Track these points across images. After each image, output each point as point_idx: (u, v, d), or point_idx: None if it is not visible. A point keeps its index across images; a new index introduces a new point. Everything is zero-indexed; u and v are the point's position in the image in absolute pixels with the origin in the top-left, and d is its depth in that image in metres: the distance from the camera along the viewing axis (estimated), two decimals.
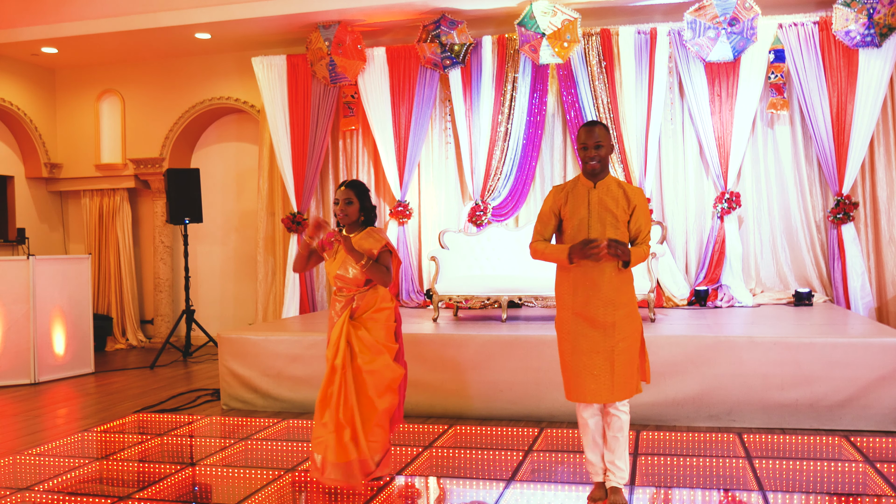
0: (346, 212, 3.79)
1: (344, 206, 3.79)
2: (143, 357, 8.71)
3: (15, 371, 7.16)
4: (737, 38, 7.21)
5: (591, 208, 3.41)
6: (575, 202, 3.44)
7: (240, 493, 3.87)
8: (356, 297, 3.80)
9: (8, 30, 8.50)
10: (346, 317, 3.75)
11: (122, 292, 9.59)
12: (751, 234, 7.64)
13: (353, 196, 3.80)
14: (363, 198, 3.83)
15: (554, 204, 3.50)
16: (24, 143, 9.60)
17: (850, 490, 3.78)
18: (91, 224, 9.75)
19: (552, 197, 3.52)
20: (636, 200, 3.41)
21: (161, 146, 9.42)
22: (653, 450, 4.49)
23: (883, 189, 7.34)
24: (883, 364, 4.82)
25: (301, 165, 8.42)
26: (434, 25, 7.85)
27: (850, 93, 7.18)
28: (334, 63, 8.12)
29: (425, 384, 5.40)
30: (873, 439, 4.56)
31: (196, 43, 8.77)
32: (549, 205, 3.51)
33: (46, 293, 7.36)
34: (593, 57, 7.71)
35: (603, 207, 3.39)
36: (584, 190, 3.45)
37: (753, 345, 5.01)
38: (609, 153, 3.44)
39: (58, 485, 4.04)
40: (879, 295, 7.34)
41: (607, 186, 3.44)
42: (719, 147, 7.49)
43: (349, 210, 3.79)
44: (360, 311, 3.78)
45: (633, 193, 3.43)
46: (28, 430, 5.38)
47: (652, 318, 6.19)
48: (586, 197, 3.43)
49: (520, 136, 7.88)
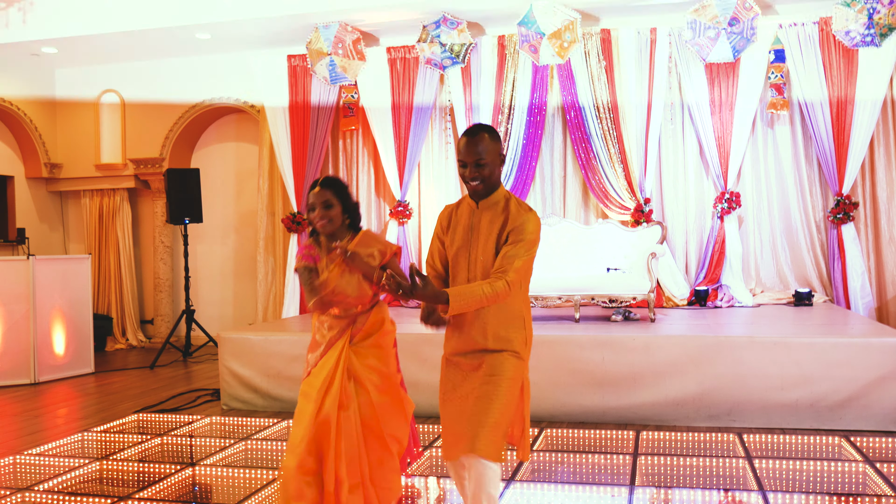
0: (328, 217, 3.03)
1: (323, 212, 3.03)
2: (143, 357, 8.70)
3: (15, 371, 7.16)
4: (737, 38, 7.21)
5: (472, 234, 2.83)
6: (455, 227, 2.89)
7: (240, 494, 3.87)
8: (359, 318, 3.09)
9: (8, 30, 8.50)
10: (346, 343, 3.04)
11: (122, 292, 9.59)
12: (751, 234, 7.64)
13: (332, 197, 3.05)
14: (344, 196, 3.09)
15: (439, 227, 2.97)
16: (24, 143, 9.60)
17: (850, 490, 3.78)
18: (91, 224, 9.75)
19: (438, 219, 2.98)
20: (516, 222, 2.75)
21: (161, 146, 9.41)
22: (653, 450, 4.49)
23: (883, 189, 7.33)
24: (883, 364, 4.81)
25: (301, 165, 8.42)
26: (434, 25, 7.85)
27: (850, 93, 7.18)
28: (334, 63, 8.12)
29: (425, 384, 5.40)
30: (873, 439, 4.56)
31: (196, 43, 8.77)
32: (436, 229, 2.99)
33: (46, 293, 7.36)
34: (593, 57, 7.70)
35: (485, 232, 2.81)
36: (468, 211, 2.87)
37: (753, 345, 5.01)
38: (498, 166, 2.80)
39: (58, 485, 4.04)
40: (879, 295, 7.34)
41: (493, 204, 2.83)
42: (719, 147, 7.49)
43: (331, 214, 3.04)
44: (363, 335, 3.08)
45: (516, 214, 2.77)
46: (28, 430, 5.38)
47: (652, 318, 6.19)
48: (469, 220, 2.85)
49: (520, 136, 7.88)
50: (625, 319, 6.28)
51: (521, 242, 2.71)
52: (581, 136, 7.75)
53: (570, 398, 5.22)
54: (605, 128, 7.65)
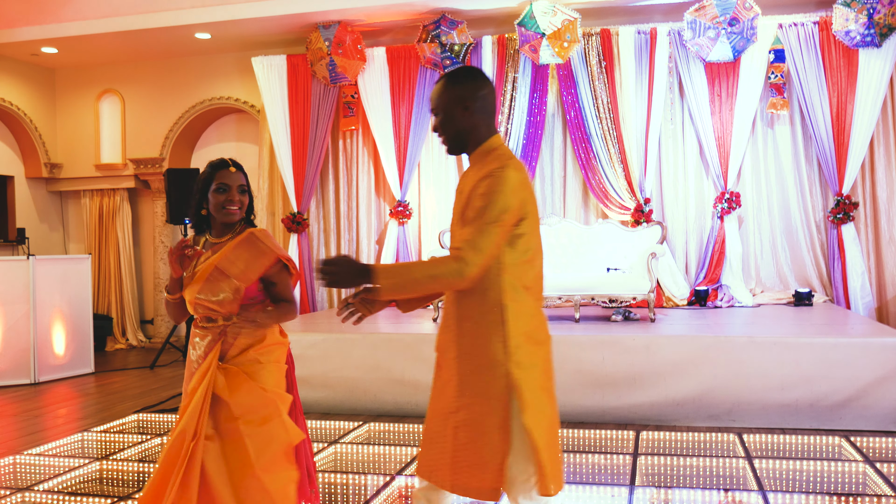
0: (243, 202, 2.61)
1: (239, 196, 2.59)
2: (143, 357, 8.70)
3: (15, 371, 7.16)
4: (737, 38, 7.21)
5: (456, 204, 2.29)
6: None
7: None
8: (229, 330, 2.54)
9: (8, 30, 8.51)
10: (214, 360, 2.49)
11: (122, 292, 9.59)
12: (751, 234, 7.64)
13: (246, 182, 2.63)
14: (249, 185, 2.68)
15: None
16: (24, 143, 9.60)
17: (850, 490, 3.78)
18: (91, 224, 9.75)
19: None
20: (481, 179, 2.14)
21: (161, 146, 9.41)
22: (653, 450, 4.50)
23: (883, 189, 7.33)
24: (883, 364, 4.82)
25: (301, 165, 8.42)
26: (434, 25, 7.85)
27: (850, 93, 7.19)
28: (334, 63, 8.12)
29: (425, 384, 5.40)
30: (873, 439, 4.56)
31: (196, 43, 8.77)
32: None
33: (46, 293, 7.36)
34: (593, 57, 7.71)
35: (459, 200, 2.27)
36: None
37: (753, 345, 5.01)
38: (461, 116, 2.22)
39: (58, 485, 4.04)
40: (879, 295, 7.34)
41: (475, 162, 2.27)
42: (719, 147, 7.49)
43: (245, 200, 2.62)
44: (236, 350, 2.53)
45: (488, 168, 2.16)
46: (28, 430, 5.38)
47: (652, 318, 6.19)
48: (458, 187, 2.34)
49: (520, 135, 7.88)
50: (625, 319, 6.28)
51: (481, 207, 2.09)
52: (581, 136, 7.75)
53: (570, 398, 5.21)
54: (605, 128, 7.66)
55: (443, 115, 2.24)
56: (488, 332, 2.17)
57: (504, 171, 2.11)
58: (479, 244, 2.07)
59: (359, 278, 2.08)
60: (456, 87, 2.22)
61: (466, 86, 2.22)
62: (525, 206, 2.15)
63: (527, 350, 2.18)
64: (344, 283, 2.08)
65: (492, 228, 2.07)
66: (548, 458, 2.14)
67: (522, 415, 2.14)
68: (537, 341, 2.22)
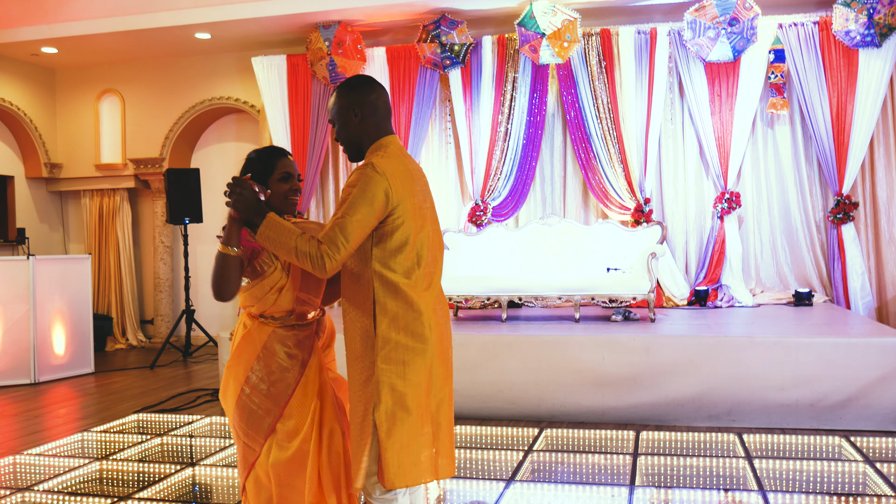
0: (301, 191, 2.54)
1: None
2: (143, 357, 8.71)
3: (15, 371, 7.16)
4: (737, 38, 7.21)
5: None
6: None
7: (240, 494, 3.86)
8: (321, 321, 2.58)
9: (8, 30, 8.51)
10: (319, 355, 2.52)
11: (122, 292, 9.59)
12: (751, 234, 7.64)
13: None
14: None
15: None
16: (24, 143, 9.60)
17: (850, 490, 3.78)
18: (91, 224, 9.75)
19: None
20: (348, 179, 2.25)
21: (161, 146, 9.41)
22: (653, 450, 4.50)
23: (883, 189, 7.34)
24: (883, 364, 4.82)
25: (301, 166, 8.42)
26: (434, 25, 7.85)
27: (850, 93, 7.19)
28: (334, 63, 8.12)
29: None
30: (873, 439, 4.56)
31: (196, 43, 8.77)
32: None
33: (46, 293, 7.36)
34: (593, 57, 7.71)
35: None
36: None
37: (753, 345, 5.01)
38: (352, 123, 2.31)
39: (58, 485, 4.04)
40: (879, 295, 7.34)
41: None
42: (719, 147, 7.49)
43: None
44: (326, 341, 2.60)
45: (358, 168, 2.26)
46: (28, 430, 5.38)
47: (652, 318, 6.20)
48: None
49: (520, 136, 7.88)
50: (625, 319, 6.28)
51: (341, 201, 2.20)
52: (581, 136, 7.75)
53: (570, 398, 5.22)
54: (605, 128, 7.66)
55: (338, 125, 2.34)
56: (361, 325, 2.25)
57: (371, 166, 2.19)
58: (336, 239, 2.13)
59: (253, 214, 2.20)
60: (346, 97, 2.31)
61: (355, 94, 2.31)
62: (394, 197, 2.20)
63: (397, 345, 2.21)
64: (240, 209, 2.20)
65: (350, 222, 2.14)
66: (393, 454, 2.20)
67: (376, 410, 2.21)
68: (417, 336, 2.23)
